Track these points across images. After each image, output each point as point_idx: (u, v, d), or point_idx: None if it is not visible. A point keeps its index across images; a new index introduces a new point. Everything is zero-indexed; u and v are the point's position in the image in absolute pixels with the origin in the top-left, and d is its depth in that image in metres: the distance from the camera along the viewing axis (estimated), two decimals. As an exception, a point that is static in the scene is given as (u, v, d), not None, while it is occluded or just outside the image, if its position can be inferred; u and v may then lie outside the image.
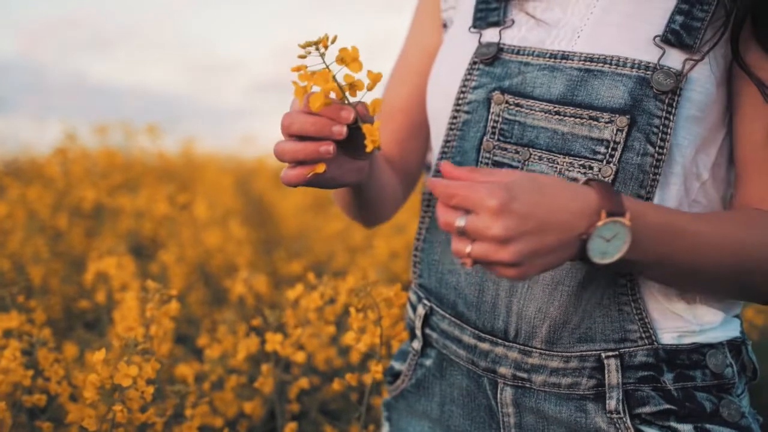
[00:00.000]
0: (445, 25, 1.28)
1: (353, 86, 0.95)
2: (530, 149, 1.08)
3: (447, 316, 1.15)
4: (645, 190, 1.04)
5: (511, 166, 1.09)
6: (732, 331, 1.10)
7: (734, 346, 1.09)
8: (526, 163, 1.08)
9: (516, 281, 0.95)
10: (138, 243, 2.83)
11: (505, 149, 1.10)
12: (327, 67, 0.94)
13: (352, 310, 1.20)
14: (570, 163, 1.05)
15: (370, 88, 0.95)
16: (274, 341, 1.47)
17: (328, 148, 0.96)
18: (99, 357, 1.22)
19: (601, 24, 1.08)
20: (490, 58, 1.12)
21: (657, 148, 1.03)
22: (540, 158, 1.07)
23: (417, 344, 1.21)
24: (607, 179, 1.03)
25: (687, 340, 1.07)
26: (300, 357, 1.51)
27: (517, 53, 1.11)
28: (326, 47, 0.94)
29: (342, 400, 1.85)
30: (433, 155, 1.33)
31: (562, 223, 0.89)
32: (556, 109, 1.06)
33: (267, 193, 4.48)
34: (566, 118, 1.06)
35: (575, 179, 1.04)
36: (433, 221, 1.19)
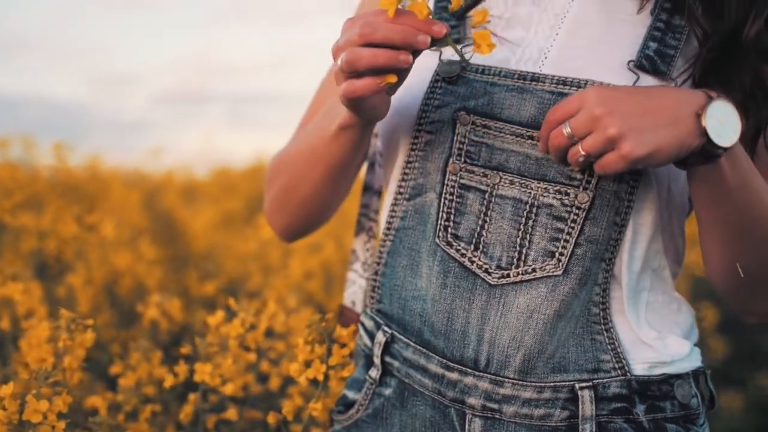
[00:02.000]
0: None
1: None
2: (500, 173, 1.05)
3: (411, 343, 1.10)
4: (620, 217, 1.03)
5: (478, 190, 1.05)
6: (695, 360, 1.10)
7: (696, 376, 1.09)
8: (496, 187, 1.05)
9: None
10: (41, 262, 2.71)
11: (473, 172, 1.06)
12: None
13: (300, 341, 1.15)
14: (545, 188, 1.03)
15: (452, 9, 0.99)
16: (203, 372, 1.41)
17: (408, 57, 0.94)
18: (6, 392, 1.15)
19: (570, 47, 1.06)
20: (454, 76, 1.08)
21: (632, 174, 1.02)
22: (511, 182, 1.04)
23: (375, 372, 1.14)
24: (583, 206, 1.02)
25: (657, 371, 1.06)
26: (230, 389, 1.45)
27: (482, 72, 1.08)
28: None
29: (261, 427, 1.81)
30: (378, 175, 1.28)
31: (666, 103, 0.95)
32: (529, 133, 1.04)
33: (175, 209, 4.38)
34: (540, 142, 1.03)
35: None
36: (395, 245, 1.13)
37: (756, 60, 1.05)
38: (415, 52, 0.96)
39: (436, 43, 0.96)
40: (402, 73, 0.98)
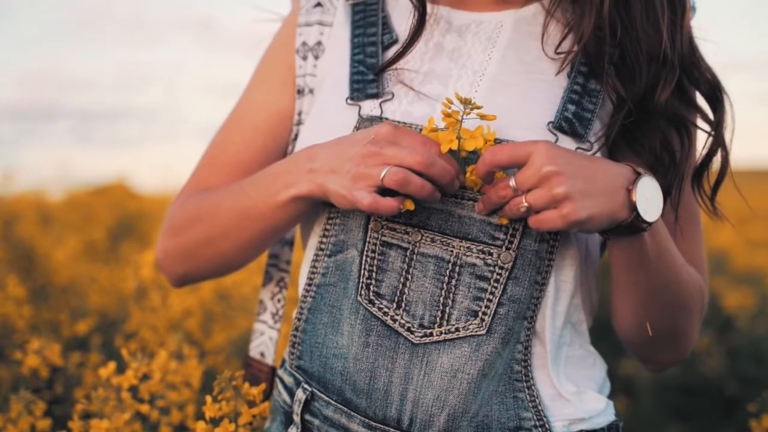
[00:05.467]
0: (300, 92, 1.22)
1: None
2: (421, 230, 1.05)
3: (332, 402, 1.08)
4: (541, 276, 1.05)
5: (400, 248, 1.06)
6: (610, 415, 1.12)
7: (611, 429, 1.12)
8: (417, 244, 1.05)
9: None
10: None
11: (394, 229, 1.06)
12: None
13: (208, 398, 1.11)
14: (467, 247, 1.04)
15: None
16: (99, 428, 1.36)
17: (439, 195, 1.02)
18: None
19: (490, 104, 1.06)
20: None
21: (552, 233, 1.04)
22: (432, 240, 1.05)
23: (294, 430, 1.11)
24: (506, 266, 1.03)
25: (575, 428, 1.08)
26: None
27: None
28: (477, 112, 1.01)
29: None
30: (295, 230, 1.26)
31: (604, 172, 0.99)
32: (452, 191, 1.05)
33: (33, 238, 4.17)
34: (464, 201, 1.04)
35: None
36: (315, 301, 1.11)
37: (665, 125, 1.10)
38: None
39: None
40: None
